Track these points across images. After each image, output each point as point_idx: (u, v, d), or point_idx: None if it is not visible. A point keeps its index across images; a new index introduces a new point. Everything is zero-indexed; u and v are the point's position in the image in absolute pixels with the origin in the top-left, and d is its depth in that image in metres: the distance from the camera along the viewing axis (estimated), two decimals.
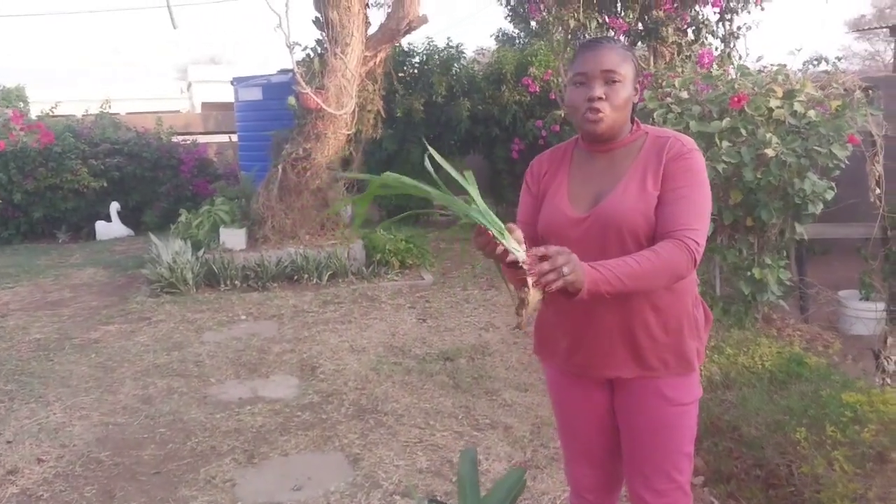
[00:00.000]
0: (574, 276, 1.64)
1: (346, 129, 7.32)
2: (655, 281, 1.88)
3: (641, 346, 2.01)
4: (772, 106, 4.02)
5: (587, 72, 1.95)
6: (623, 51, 2.00)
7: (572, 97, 2.00)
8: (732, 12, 7.52)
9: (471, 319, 5.88)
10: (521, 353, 5.05)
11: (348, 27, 6.92)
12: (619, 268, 1.78)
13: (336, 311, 6.19)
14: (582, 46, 2.07)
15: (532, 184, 2.21)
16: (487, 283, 6.96)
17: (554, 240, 2.07)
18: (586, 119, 1.97)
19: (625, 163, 2.02)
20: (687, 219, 1.90)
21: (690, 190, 1.93)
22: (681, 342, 2.04)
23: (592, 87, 1.93)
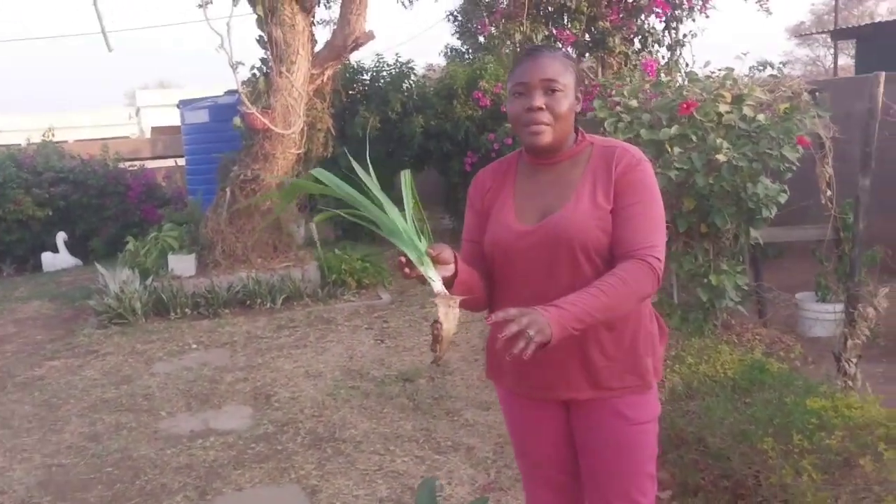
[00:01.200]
0: (541, 336, 1.57)
1: (295, 149, 7.18)
2: (624, 307, 1.81)
3: (596, 365, 1.92)
4: (721, 111, 4.00)
5: (527, 81, 1.87)
6: (563, 59, 1.93)
7: (512, 108, 1.92)
8: (677, 21, 7.57)
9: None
10: (481, 371, 4.93)
11: (293, 45, 6.80)
12: (586, 302, 1.70)
13: (291, 335, 6.03)
14: (521, 56, 1.99)
15: (476, 200, 2.11)
16: None
17: (501, 256, 1.98)
18: (528, 131, 1.89)
19: (572, 174, 1.94)
20: (646, 235, 1.83)
21: (645, 205, 1.87)
22: (636, 359, 1.95)
23: (532, 97, 1.85)
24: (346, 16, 6.91)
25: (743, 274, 4.36)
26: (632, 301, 1.81)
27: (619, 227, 1.85)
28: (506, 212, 1.99)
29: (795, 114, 4.01)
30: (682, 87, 4.23)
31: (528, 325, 1.55)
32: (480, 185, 2.12)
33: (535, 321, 1.57)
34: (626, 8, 7.55)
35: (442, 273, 1.77)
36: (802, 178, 4.99)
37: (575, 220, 1.87)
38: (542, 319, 1.58)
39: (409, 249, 1.71)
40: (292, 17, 6.76)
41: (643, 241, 1.82)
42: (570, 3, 7.34)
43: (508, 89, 1.96)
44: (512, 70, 1.98)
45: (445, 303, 1.68)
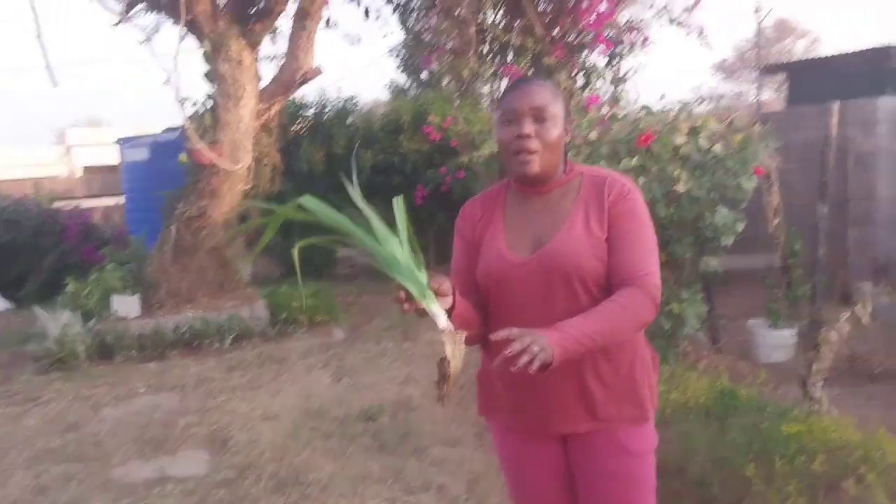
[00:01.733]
0: (544, 355, 1.55)
1: (242, 185, 7.05)
2: (624, 333, 1.80)
3: (594, 395, 1.90)
4: (678, 142, 4.07)
5: (516, 109, 1.87)
6: (553, 89, 1.93)
7: (502, 136, 1.92)
8: (619, 57, 7.74)
9: (389, 374, 5.67)
10: (449, 407, 4.87)
11: (240, 80, 6.70)
12: (587, 326, 1.69)
13: (243, 376, 5.84)
14: (510, 85, 2.01)
15: (465, 230, 2.08)
16: (402, 334, 6.76)
17: (495, 287, 1.95)
18: (518, 159, 1.88)
19: (563, 204, 1.93)
20: (642, 262, 1.83)
21: (639, 232, 1.87)
22: (634, 387, 1.94)
23: (522, 124, 1.85)
24: (293, 51, 6.86)
25: (702, 302, 4.42)
26: (631, 328, 1.80)
27: (615, 255, 1.85)
28: (498, 242, 1.97)
29: (750, 145, 4.10)
30: (640, 120, 4.30)
31: (532, 343, 1.54)
32: (470, 215, 2.09)
33: (539, 340, 1.55)
34: (570, 45, 7.69)
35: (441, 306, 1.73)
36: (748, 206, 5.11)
37: (570, 248, 1.86)
38: (545, 340, 1.57)
39: (411, 283, 1.66)
40: (239, 53, 6.67)
41: (640, 268, 1.82)
42: (515, 41, 7.43)
43: (497, 117, 1.95)
44: (500, 99, 1.97)
45: (452, 339, 1.63)
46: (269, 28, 7.21)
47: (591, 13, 7.45)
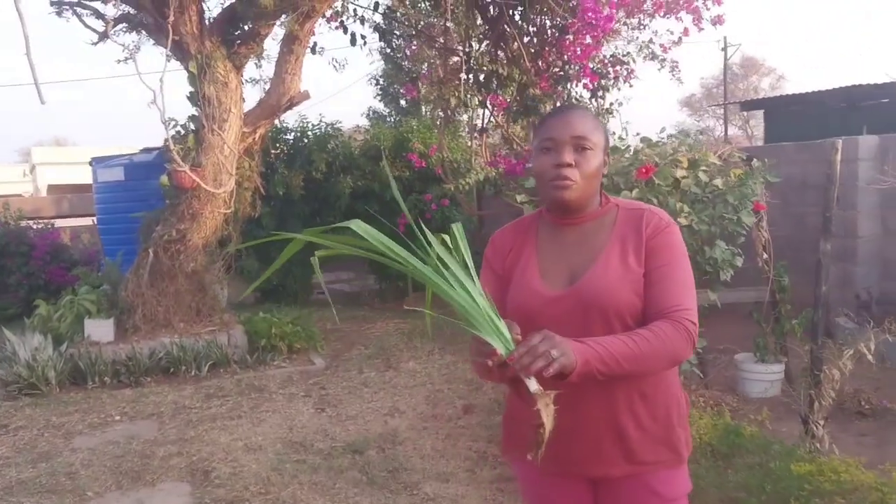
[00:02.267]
0: (565, 358, 1.49)
1: (224, 208, 6.92)
2: (654, 364, 1.73)
3: (630, 438, 1.82)
4: (678, 176, 4.06)
5: (555, 137, 1.81)
6: (594, 119, 1.88)
7: (539, 164, 1.85)
8: (604, 90, 7.77)
9: (373, 405, 5.55)
10: (434, 440, 4.76)
11: (225, 102, 6.60)
12: (614, 346, 1.62)
13: (222, 405, 5.68)
14: (552, 112, 1.95)
15: (495, 261, 2.01)
16: (384, 363, 6.65)
17: (527, 322, 1.86)
18: (555, 186, 1.82)
19: (599, 237, 1.87)
20: (679, 298, 1.76)
21: (676, 266, 1.81)
22: (670, 431, 1.87)
23: (561, 153, 1.79)
24: (281, 74, 6.79)
25: (701, 337, 4.38)
26: (663, 360, 1.73)
27: (651, 289, 1.78)
28: (529, 275, 1.90)
29: (749, 179, 4.11)
30: (639, 152, 4.28)
31: (553, 346, 1.48)
32: (500, 246, 2.02)
33: (560, 344, 1.50)
34: (555, 77, 7.70)
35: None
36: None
37: (607, 283, 1.79)
38: (567, 346, 1.51)
39: (495, 339, 1.54)
40: (225, 75, 6.58)
41: (677, 303, 1.76)
42: (501, 71, 7.42)
43: (535, 145, 1.89)
44: (540, 126, 1.92)
45: (545, 401, 1.52)
46: (254, 51, 7.13)
47: (575, 46, 7.47)
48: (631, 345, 1.64)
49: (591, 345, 1.58)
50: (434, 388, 5.89)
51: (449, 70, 8.14)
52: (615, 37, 8.34)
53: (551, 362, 1.47)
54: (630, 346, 1.64)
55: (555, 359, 1.47)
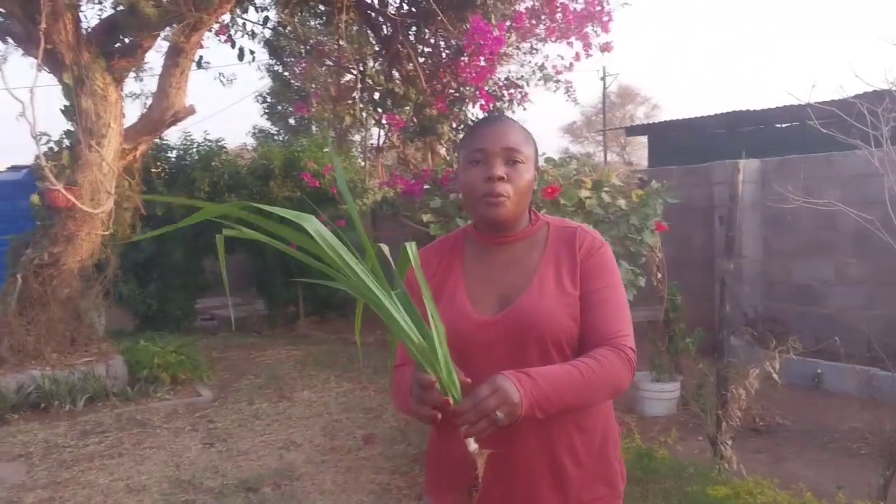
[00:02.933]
0: (511, 416, 1.37)
1: (102, 230, 6.46)
2: (598, 396, 1.62)
3: (568, 475, 1.67)
4: (582, 196, 4.04)
5: (486, 148, 1.66)
6: (524, 130, 1.74)
7: (469, 177, 1.69)
8: (499, 112, 7.79)
9: (266, 438, 5.25)
10: (334, 473, 4.54)
11: (104, 117, 6.18)
12: (560, 380, 1.50)
13: (101, 442, 5.24)
14: (480, 122, 1.81)
15: (418, 286, 1.85)
16: (277, 393, 6.34)
17: (456, 350, 1.71)
18: (487, 202, 1.67)
19: (530, 257, 1.73)
20: (617, 324, 1.65)
21: (612, 290, 1.69)
22: (608, 465, 1.75)
23: (492, 165, 1.65)
24: (164, 88, 6.42)
25: None
26: (606, 391, 1.62)
27: (589, 314, 1.66)
28: (458, 299, 1.73)
29: (650, 200, 4.13)
30: (544, 172, 4.24)
31: (503, 401, 1.36)
32: (424, 266, 1.86)
33: (509, 397, 1.37)
34: (451, 98, 7.67)
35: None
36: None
37: (543, 307, 1.66)
38: (514, 397, 1.38)
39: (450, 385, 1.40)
40: (104, 88, 6.16)
41: (615, 329, 1.64)
42: (397, 90, 7.32)
43: (462, 157, 1.74)
44: (467, 136, 1.78)
45: (482, 459, 1.39)
46: (135, 64, 6.75)
47: (470, 68, 7.47)
48: (577, 377, 1.52)
49: (538, 382, 1.44)
50: (331, 418, 5.65)
51: (342, 88, 7.98)
52: (508, 60, 8.41)
53: (496, 423, 1.35)
54: (576, 379, 1.52)
55: (499, 420, 1.35)
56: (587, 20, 7.40)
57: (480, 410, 1.35)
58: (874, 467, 4.11)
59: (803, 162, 6.91)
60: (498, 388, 1.37)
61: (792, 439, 5.03)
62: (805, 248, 7.02)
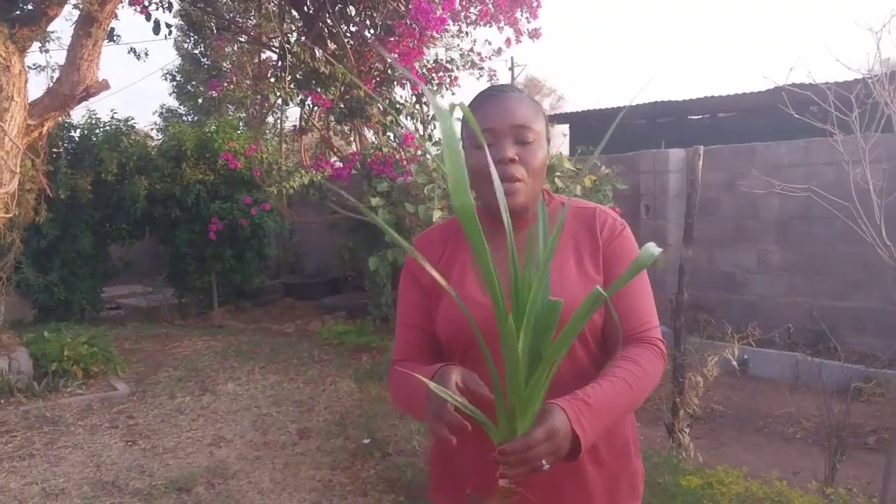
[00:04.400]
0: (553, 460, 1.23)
1: (4, 213, 5.95)
2: (641, 403, 1.48)
3: (587, 476, 1.52)
4: None
5: (494, 127, 1.47)
6: (533, 102, 1.55)
7: (476, 161, 1.50)
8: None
9: (193, 434, 4.95)
10: (271, 471, 4.30)
11: (6, 89, 5.67)
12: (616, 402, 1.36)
13: (7, 443, 4.82)
14: (483, 96, 1.56)
15: (423, 274, 1.67)
16: (199, 386, 6.01)
17: (466, 344, 1.55)
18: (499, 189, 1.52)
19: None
20: (646, 314, 1.52)
21: (639, 277, 1.52)
22: (628, 464, 1.60)
23: (502, 146, 1.47)
24: (75, 61, 5.94)
25: None
26: (647, 394, 1.49)
27: (614, 304, 1.46)
28: (468, 286, 1.57)
29: (602, 185, 4.06)
30: None
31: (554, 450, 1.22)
32: (428, 255, 1.68)
33: (561, 444, 1.23)
34: (379, 79, 7.45)
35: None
36: None
37: (567, 296, 1.51)
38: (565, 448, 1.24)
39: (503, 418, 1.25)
40: (7, 58, 5.65)
41: (645, 321, 1.51)
42: (324, 69, 7.03)
43: (465, 137, 1.56)
44: (470, 113, 1.60)
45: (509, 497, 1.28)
46: (39, 33, 6.22)
47: (400, 48, 7.27)
48: (628, 393, 1.38)
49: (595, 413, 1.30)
50: (261, 412, 5.38)
51: (263, 66, 7.64)
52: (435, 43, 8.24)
53: (537, 471, 1.21)
54: (628, 396, 1.38)
55: (542, 469, 1.21)
56: (517, 5, 7.30)
57: (528, 458, 1.20)
58: (812, 451, 4.22)
59: (729, 151, 7.04)
60: (554, 435, 1.22)
61: (728, 425, 5.10)
62: (729, 236, 7.17)
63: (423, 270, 1.65)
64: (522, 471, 1.22)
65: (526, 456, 1.20)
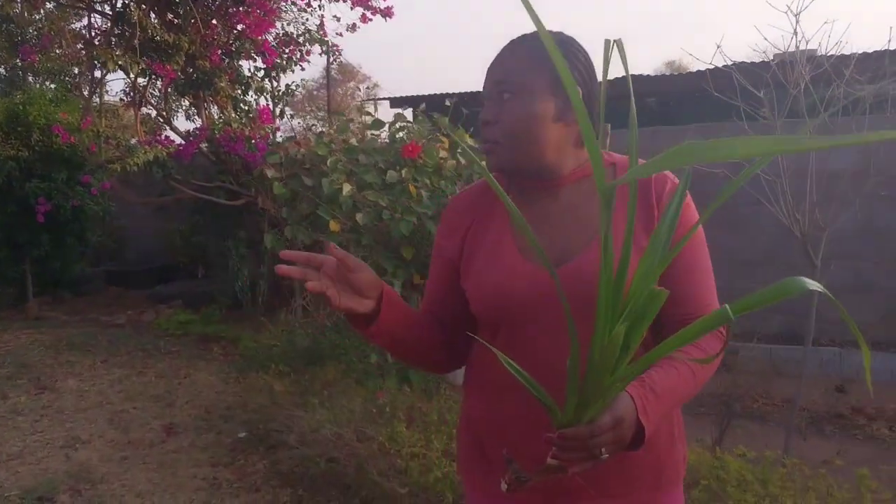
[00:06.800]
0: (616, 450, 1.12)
1: None
2: (700, 389, 1.38)
3: (635, 461, 1.35)
4: (440, 157, 3.80)
5: (484, 87, 1.36)
6: (532, 51, 1.35)
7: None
8: (278, 70, 7.26)
9: (41, 437, 4.37)
10: (145, 471, 3.89)
11: None
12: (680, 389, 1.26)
13: None
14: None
15: (449, 244, 1.48)
16: (34, 384, 5.33)
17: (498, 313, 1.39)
18: (483, 151, 1.38)
19: (592, 204, 1.38)
20: (710, 296, 1.39)
21: (700, 251, 1.40)
22: (673, 449, 1.46)
23: (483, 108, 1.35)
24: None
25: None
26: (706, 381, 1.40)
27: (672, 281, 1.29)
28: (505, 252, 1.39)
29: None
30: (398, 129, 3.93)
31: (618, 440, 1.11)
32: (454, 222, 1.48)
33: (621, 441, 1.12)
34: (227, 51, 6.98)
35: (352, 305, 1.26)
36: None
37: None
38: (628, 438, 1.13)
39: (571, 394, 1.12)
40: None
41: (707, 301, 1.38)
42: (166, 37, 6.47)
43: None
44: None
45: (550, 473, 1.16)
46: None
47: (249, 18, 6.86)
48: (692, 380, 1.28)
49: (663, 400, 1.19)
50: (115, 408, 4.87)
51: (87, 32, 6.93)
52: (280, 16, 7.88)
53: (594, 459, 1.11)
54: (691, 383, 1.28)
55: (601, 458, 1.10)
56: None
57: (590, 446, 1.08)
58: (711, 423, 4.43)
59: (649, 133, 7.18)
60: (619, 423, 1.10)
61: None
62: None
63: (447, 241, 1.48)
64: (579, 457, 1.10)
65: (589, 443, 1.08)
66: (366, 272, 1.26)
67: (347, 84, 43.77)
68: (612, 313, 1.07)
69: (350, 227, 3.61)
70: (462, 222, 1.46)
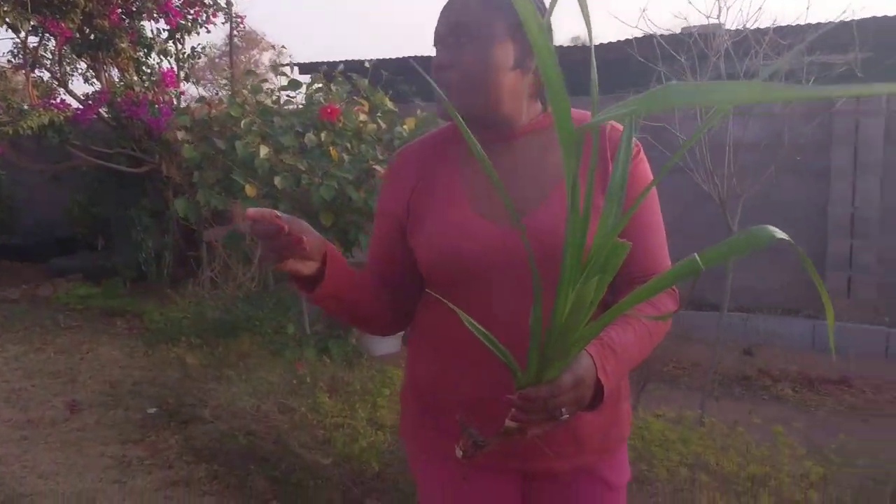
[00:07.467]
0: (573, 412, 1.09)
1: None
2: (654, 347, 1.36)
3: (583, 420, 1.33)
4: (361, 120, 3.69)
5: (437, 30, 1.31)
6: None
7: None
8: (183, 32, 6.93)
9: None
10: (49, 451, 3.68)
11: None
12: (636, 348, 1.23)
13: None
14: None
15: (391, 200, 1.42)
16: None
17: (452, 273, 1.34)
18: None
19: (547, 160, 1.33)
20: (662, 253, 1.37)
21: (653, 210, 1.38)
22: (618, 408, 1.44)
23: (437, 52, 1.31)
24: None
25: None
26: (660, 341, 1.39)
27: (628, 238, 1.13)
28: (456, 209, 1.33)
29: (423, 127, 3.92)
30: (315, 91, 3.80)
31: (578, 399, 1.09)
32: (401, 178, 1.40)
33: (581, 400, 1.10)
34: (128, 10, 6.61)
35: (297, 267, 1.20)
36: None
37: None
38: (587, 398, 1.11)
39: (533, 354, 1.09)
40: None
41: (661, 261, 1.36)
42: None
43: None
44: None
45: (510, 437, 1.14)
46: None
47: None
48: (647, 339, 1.27)
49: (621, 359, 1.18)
50: (11, 386, 4.59)
51: None
52: None
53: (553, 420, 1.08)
54: (647, 342, 1.27)
55: (560, 419, 1.07)
56: None
57: (550, 406, 1.05)
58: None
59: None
60: (580, 383, 1.07)
61: None
62: None
63: (393, 200, 1.41)
64: (540, 418, 1.07)
65: (549, 404, 1.05)
66: (310, 233, 1.18)
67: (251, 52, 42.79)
68: (576, 268, 1.03)
69: (266, 193, 3.47)
70: (408, 179, 1.40)
